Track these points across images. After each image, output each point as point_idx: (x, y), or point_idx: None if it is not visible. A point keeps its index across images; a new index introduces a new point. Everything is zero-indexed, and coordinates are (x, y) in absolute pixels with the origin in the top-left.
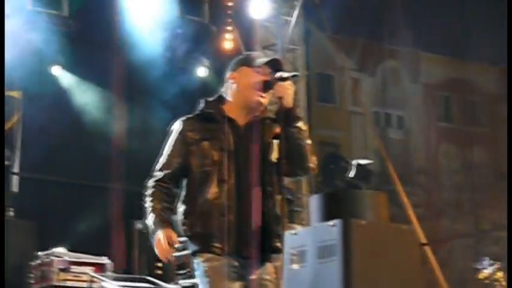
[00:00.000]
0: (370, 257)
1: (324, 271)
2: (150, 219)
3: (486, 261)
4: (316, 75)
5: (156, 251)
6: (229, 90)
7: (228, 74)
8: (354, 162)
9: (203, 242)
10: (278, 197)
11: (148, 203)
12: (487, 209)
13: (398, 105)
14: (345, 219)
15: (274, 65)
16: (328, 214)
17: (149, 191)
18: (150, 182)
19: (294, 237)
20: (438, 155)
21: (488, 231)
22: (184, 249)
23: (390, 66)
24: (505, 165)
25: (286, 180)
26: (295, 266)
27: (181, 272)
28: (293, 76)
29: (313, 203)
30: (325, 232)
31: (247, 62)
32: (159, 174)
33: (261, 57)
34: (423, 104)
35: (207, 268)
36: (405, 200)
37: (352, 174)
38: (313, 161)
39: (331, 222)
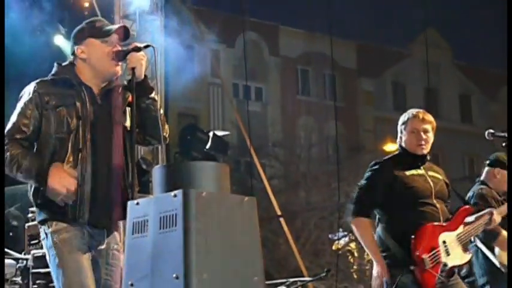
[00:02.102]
0: (211, 227)
1: (165, 241)
2: (24, 166)
3: (340, 233)
4: (175, 45)
5: (56, 185)
6: (79, 63)
7: (75, 49)
8: (211, 133)
9: (54, 211)
10: (130, 166)
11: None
12: (343, 182)
13: (257, 78)
14: (186, 190)
15: (122, 33)
16: (171, 185)
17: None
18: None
19: (136, 207)
20: (296, 128)
21: (343, 204)
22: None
23: (250, 39)
24: (360, 139)
25: (143, 150)
26: (136, 236)
27: (34, 241)
28: (146, 46)
29: (156, 174)
30: (167, 202)
31: (93, 33)
32: (8, 135)
33: (104, 26)
34: (282, 77)
35: (56, 240)
36: (261, 172)
37: (208, 145)
38: (166, 130)
39: (172, 193)
